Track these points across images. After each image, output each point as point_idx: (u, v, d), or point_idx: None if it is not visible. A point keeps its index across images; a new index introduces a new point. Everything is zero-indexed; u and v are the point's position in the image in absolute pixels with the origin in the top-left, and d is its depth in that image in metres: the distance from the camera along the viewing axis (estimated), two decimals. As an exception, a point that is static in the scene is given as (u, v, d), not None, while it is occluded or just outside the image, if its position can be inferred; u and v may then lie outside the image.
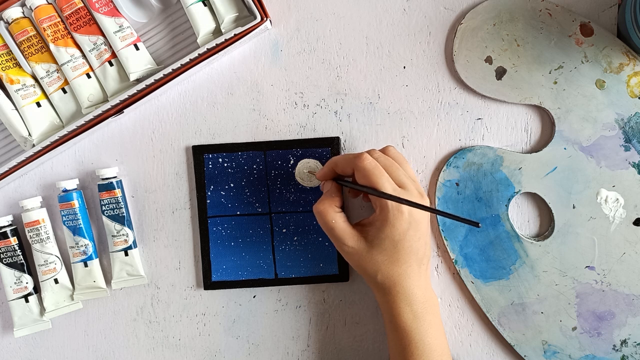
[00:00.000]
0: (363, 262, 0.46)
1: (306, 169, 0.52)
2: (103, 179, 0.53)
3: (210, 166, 0.53)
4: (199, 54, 0.51)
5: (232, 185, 0.53)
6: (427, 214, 0.47)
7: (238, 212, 0.54)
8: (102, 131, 0.54)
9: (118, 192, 0.53)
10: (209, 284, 0.54)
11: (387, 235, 0.45)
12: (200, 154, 0.53)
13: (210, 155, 0.53)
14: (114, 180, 0.53)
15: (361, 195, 0.51)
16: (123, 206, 0.53)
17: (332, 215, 0.46)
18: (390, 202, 0.44)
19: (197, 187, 0.53)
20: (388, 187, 0.44)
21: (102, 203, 0.53)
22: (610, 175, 0.51)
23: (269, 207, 0.53)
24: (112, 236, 0.53)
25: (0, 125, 0.54)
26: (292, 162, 0.53)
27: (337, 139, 0.53)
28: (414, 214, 0.45)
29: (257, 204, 0.53)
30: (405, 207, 0.44)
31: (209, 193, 0.53)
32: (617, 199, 0.51)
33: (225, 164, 0.53)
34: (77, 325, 0.55)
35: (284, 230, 0.53)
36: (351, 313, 0.54)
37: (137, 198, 0.54)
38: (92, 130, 0.52)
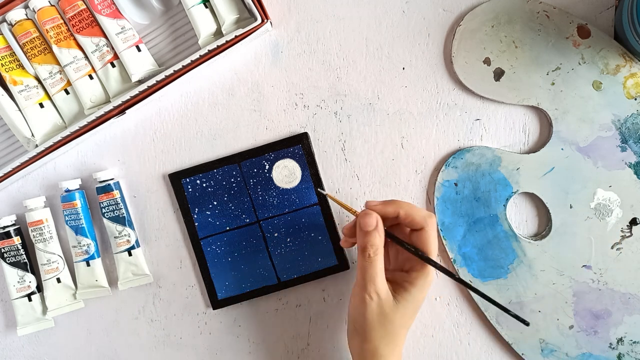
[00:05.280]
0: (380, 317, 0.43)
1: (284, 170, 0.53)
2: (100, 182, 0.53)
3: (190, 190, 0.54)
4: (200, 56, 0.51)
5: (215, 203, 0.54)
6: None
7: (227, 228, 0.54)
8: (104, 132, 0.55)
9: (116, 193, 0.53)
10: (217, 302, 0.54)
11: (414, 299, 0.44)
12: (177, 180, 0.54)
13: (188, 179, 0.54)
14: (111, 182, 0.53)
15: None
16: (123, 207, 0.53)
17: (382, 261, 0.44)
18: (432, 270, 0.45)
19: (182, 212, 0.54)
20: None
21: (102, 205, 0.53)
22: (607, 176, 0.52)
23: (256, 215, 0.54)
24: (115, 237, 0.53)
25: (4, 126, 0.55)
26: (267, 167, 0.53)
27: (306, 134, 0.53)
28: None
29: (243, 215, 0.54)
30: (431, 277, 0.45)
31: (195, 216, 0.54)
32: (614, 199, 0.52)
33: (204, 184, 0.54)
34: (79, 323, 0.55)
35: (276, 234, 0.54)
36: (351, 312, 0.54)
37: (139, 198, 0.55)
38: (95, 131, 0.52)
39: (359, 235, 0.45)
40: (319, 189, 0.52)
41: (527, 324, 0.41)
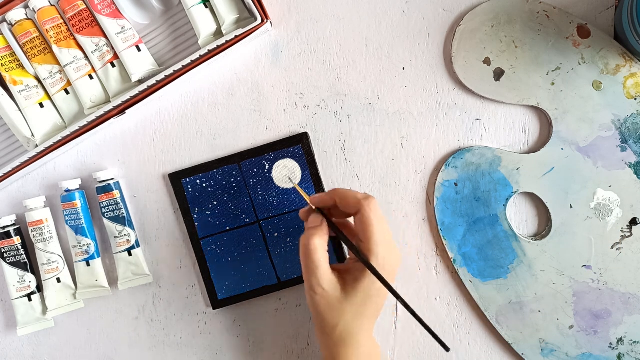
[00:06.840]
0: (330, 310, 0.43)
1: (284, 170, 0.53)
2: (100, 182, 0.53)
3: (190, 190, 0.54)
4: (200, 56, 0.51)
5: (215, 203, 0.54)
6: (396, 271, 0.45)
7: (227, 228, 0.54)
8: (104, 132, 0.55)
9: (116, 193, 0.53)
10: (217, 302, 0.54)
11: (364, 288, 0.43)
12: (177, 180, 0.54)
13: (188, 179, 0.54)
14: (111, 182, 0.53)
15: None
16: (123, 207, 0.53)
17: (321, 253, 0.43)
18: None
19: (183, 212, 0.54)
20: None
21: (102, 205, 0.53)
22: (606, 176, 0.52)
23: (256, 216, 0.54)
24: (115, 237, 0.53)
25: (4, 126, 0.55)
26: (267, 167, 0.54)
27: (306, 134, 0.54)
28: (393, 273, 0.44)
29: (243, 215, 0.54)
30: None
31: (195, 216, 0.54)
32: (614, 199, 0.52)
33: (204, 184, 0.54)
34: (79, 323, 0.55)
35: (276, 234, 0.54)
36: (351, 312, 0.54)
37: (139, 198, 0.55)
38: (95, 131, 0.52)
39: (305, 232, 0.45)
40: (289, 178, 0.52)
41: (447, 349, 0.40)
